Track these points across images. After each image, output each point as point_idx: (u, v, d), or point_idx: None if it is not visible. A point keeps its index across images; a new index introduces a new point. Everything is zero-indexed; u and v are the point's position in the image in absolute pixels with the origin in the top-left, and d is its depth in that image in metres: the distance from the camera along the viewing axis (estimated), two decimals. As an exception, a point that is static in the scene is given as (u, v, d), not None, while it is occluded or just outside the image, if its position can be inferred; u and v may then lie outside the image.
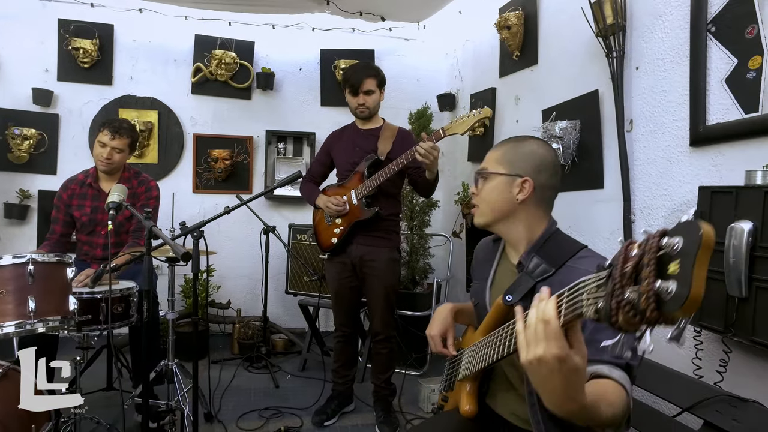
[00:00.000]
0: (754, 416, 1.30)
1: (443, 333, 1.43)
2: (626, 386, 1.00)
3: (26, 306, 1.66)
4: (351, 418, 2.65)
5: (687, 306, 0.58)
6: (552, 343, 0.79)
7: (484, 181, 1.30)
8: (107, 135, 2.48)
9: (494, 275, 1.38)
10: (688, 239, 0.60)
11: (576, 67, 2.41)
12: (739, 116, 1.58)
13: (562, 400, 0.84)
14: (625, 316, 0.65)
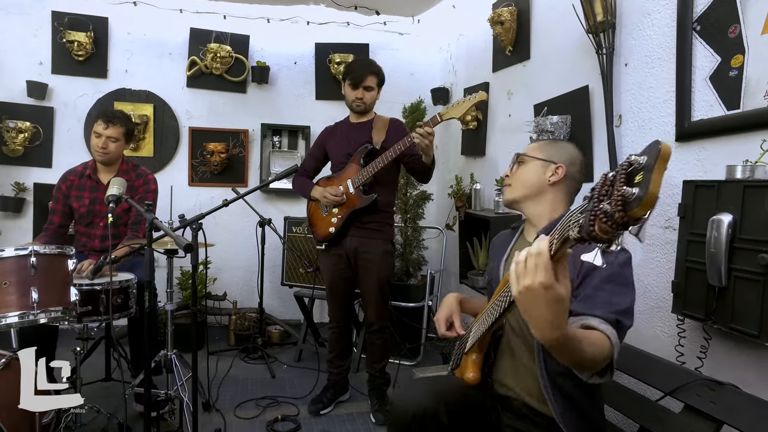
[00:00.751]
0: (730, 398, 1.37)
1: (449, 317, 1.54)
2: (612, 339, 1.11)
3: (29, 297, 1.70)
4: (346, 406, 2.71)
5: (645, 203, 0.68)
6: (540, 272, 0.88)
7: (519, 165, 1.49)
8: (101, 125, 2.52)
9: (509, 253, 1.52)
10: (650, 155, 0.70)
11: (567, 63, 2.46)
12: (722, 113, 1.64)
13: (547, 326, 0.92)
14: (600, 224, 0.74)
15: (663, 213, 1.88)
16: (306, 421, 2.51)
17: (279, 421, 2.47)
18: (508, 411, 1.38)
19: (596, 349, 1.06)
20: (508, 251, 1.52)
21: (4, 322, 1.68)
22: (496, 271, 1.51)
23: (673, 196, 1.82)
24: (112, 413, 2.28)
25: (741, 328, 1.44)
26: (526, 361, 1.36)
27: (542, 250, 0.88)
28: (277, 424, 2.45)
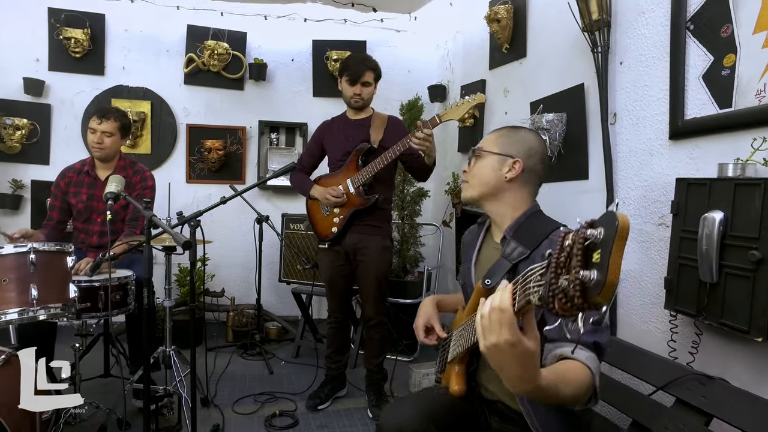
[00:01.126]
0: (720, 392, 1.40)
1: (427, 323, 1.53)
2: (591, 366, 1.05)
3: (29, 294, 1.71)
4: (344, 402, 2.74)
5: (604, 292, 0.65)
6: (505, 330, 0.85)
7: (476, 159, 1.42)
8: (96, 120, 2.54)
9: (478, 255, 1.48)
10: (607, 229, 0.66)
11: (563, 61, 2.48)
12: (714, 111, 1.66)
13: (518, 381, 0.90)
14: (559, 303, 0.70)
15: (657, 210, 1.90)
16: (304, 417, 2.53)
17: (277, 417, 2.49)
18: (495, 415, 1.38)
19: (576, 389, 1.01)
20: (476, 252, 1.48)
21: (3, 318, 1.69)
22: (468, 274, 1.48)
23: (667, 194, 1.84)
24: (111, 409, 2.30)
25: (731, 324, 1.47)
26: None
27: (505, 307, 0.85)
28: (275, 420, 2.47)
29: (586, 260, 0.69)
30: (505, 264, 1.29)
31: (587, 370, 1.05)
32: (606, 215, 0.68)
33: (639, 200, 1.99)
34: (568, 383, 1.00)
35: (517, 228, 1.32)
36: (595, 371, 1.06)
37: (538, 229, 1.30)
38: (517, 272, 1.25)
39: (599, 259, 0.66)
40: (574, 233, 0.72)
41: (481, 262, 1.46)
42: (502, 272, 1.28)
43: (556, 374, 0.98)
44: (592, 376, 1.05)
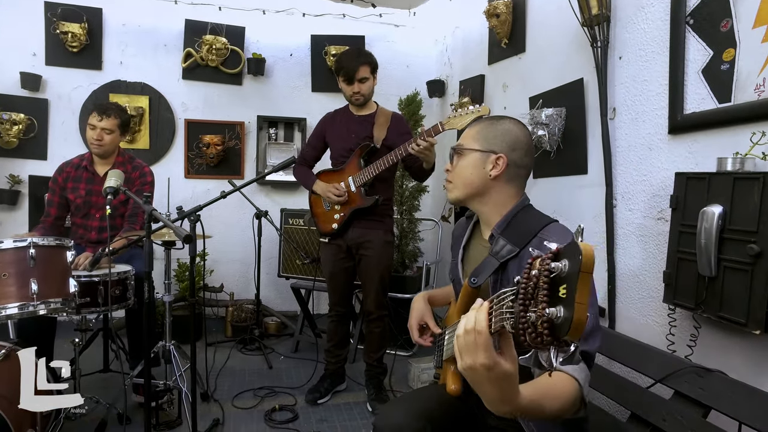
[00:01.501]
0: (718, 384, 1.41)
1: (420, 321, 1.51)
2: (579, 377, 1.02)
3: (29, 288, 1.71)
4: (343, 396, 2.75)
5: (572, 332, 0.62)
6: (480, 353, 0.81)
7: (458, 158, 1.34)
8: (96, 117, 2.53)
9: (465, 250, 1.45)
10: (571, 262, 0.63)
11: (562, 56, 2.48)
12: (714, 106, 1.66)
13: (497, 403, 0.88)
14: (530, 336, 0.68)
15: (656, 205, 1.91)
16: (303, 411, 2.54)
17: (277, 411, 2.50)
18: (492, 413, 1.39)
19: (563, 403, 0.98)
20: (462, 248, 1.45)
21: (3, 313, 1.69)
22: (455, 270, 1.46)
23: (666, 189, 1.85)
24: (111, 404, 2.30)
25: (729, 317, 1.48)
26: None
27: (481, 329, 0.81)
28: (274, 414, 2.48)
29: (552, 294, 0.65)
30: (492, 263, 1.25)
31: (574, 382, 1.02)
32: (569, 246, 0.65)
33: (638, 195, 2.00)
34: (554, 398, 0.98)
35: (506, 225, 1.28)
36: (583, 382, 1.03)
37: (528, 225, 1.26)
38: (506, 270, 1.25)
39: (565, 294, 0.63)
40: (541, 261, 0.69)
41: (469, 259, 1.44)
42: (489, 271, 1.25)
43: (538, 391, 0.95)
44: (580, 388, 1.02)
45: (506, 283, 1.24)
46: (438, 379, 1.55)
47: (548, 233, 1.22)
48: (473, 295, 1.32)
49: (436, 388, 1.40)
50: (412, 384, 2.85)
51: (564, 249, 0.65)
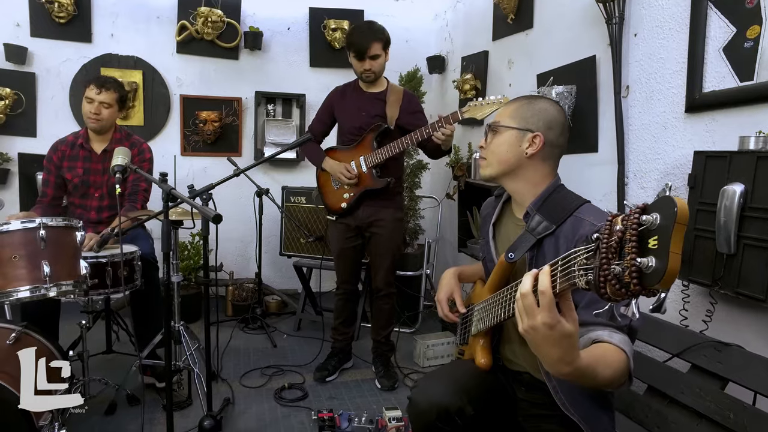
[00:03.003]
0: (737, 358, 1.45)
1: (449, 295, 1.52)
2: (626, 349, 1.05)
3: (41, 270, 1.66)
4: (351, 373, 2.77)
5: (665, 280, 0.64)
6: (544, 313, 0.86)
7: (494, 135, 1.35)
8: (93, 89, 2.43)
9: (496, 229, 1.46)
10: (664, 215, 0.65)
11: (572, 33, 2.45)
12: (734, 84, 1.66)
13: (557, 363, 0.91)
14: (611, 288, 0.70)
15: (669, 182, 1.92)
16: (312, 389, 2.55)
17: (286, 389, 2.51)
18: (521, 385, 1.39)
19: (614, 371, 1.01)
20: (492, 227, 1.46)
21: (15, 296, 1.64)
22: (487, 248, 1.46)
23: (681, 167, 1.87)
24: (120, 385, 2.29)
25: (748, 293, 1.51)
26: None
27: (545, 289, 0.86)
28: (284, 392, 2.49)
29: (641, 246, 0.67)
30: (529, 239, 1.28)
31: (623, 353, 1.05)
32: (662, 200, 0.67)
33: (651, 173, 2.01)
34: (606, 366, 1.00)
35: (542, 203, 1.29)
36: (630, 354, 1.06)
37: (563, 204, 1.27)
38: (542, 247, 1.26)
39: (656, 245, 0.65)
40: (625, 217, 0.71)
41: (501, 237, 1.45)
42: (525, 247, 1.27)
43: (593, 357, 0.98)
44: (628, 359, 1.05)
45: (542, 259, 1.25)
46: (462, 356, 1.57)
47: (584, 212, 1.24)
48: (508, 270, 1.33)
49: (467, 363, 1.41)
50: (417, 360, 2.88)
51: (653, 203, 0.67)
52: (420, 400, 1.27)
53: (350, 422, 2.18)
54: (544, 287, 0.86)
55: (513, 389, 1.42)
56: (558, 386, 1.22)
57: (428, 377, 1.41)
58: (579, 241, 1.19)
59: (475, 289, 1.60)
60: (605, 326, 1.09)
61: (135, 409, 2.29)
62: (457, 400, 1.23)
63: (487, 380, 1.38)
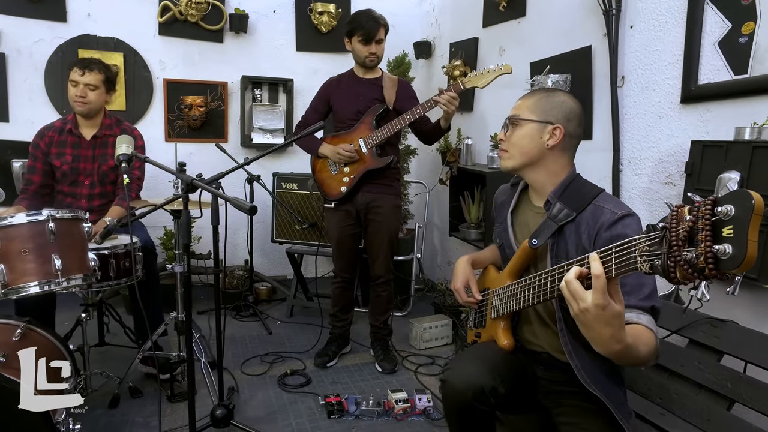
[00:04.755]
0: (732, 333, 1.57)
1: (465, 284, 1.58)
2: (653, 329, 1.15)
3: (51, 264, 1.61)
4: (350, 358, 2.81)
5: (744, 265, 0.70)
6: (597, 295, 0.94)
7: (514, 128, 1.40)
8: (77, 72, 2.34)
9: (514, 217, 1.52)
10: (740, 207, 0.71)
11: (567, 22, 2.51)
12: (729, 77, 1.76)
13: (609, 341, 0.99)
14: (682, 272, 0.77)
15: (663, 170, 2.03)
16: (314, 374, 2.58)
17: (289, 376, 2.54)
18: (540, 364, 1.46)
19: (649, 348, 1.10)
20: (510, 215, 1.51)
21: (26, 292, 1.59)
22: (505, 235, 1.52)
23: (675, 155, 1.97)
24: (122, 378, 2.25)
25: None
26: (549, 322, 1.41)
27: (598, 274, 0.93)
28: (287, 379, 2.51)
29: (714, 235, 0.74)
30: (551, 225, 1.35)
31: (651, 333, 1.14)
32: (737, 192, 0.74)
33: (646, 160, 2.11)
34: (644, 344, 1.09)
35: (562, 192, 1.36)
36: (656, 333, 1.16)
37: (582, 192, 1.35)
38: (563, 233, 1.33)
39: (732, 234, 0.71)
40: (692, 209, 0.77)
41: (519, 224, 1.51)
42: (548, 233, 1.35)
43: (633, 336, 1.06)
44: (656, 338, 1.15)
45: (563, 245, 1.33)
46: (479, 338, 1.63)
47: (602, 200, 1.32)
48: (531, 255, 1.40)
49: (491, 345, 1.47)
50: (413, 343, 2.95)
51: (725, 196, 0.73)
52: (455, 381, 1.32)
53: (358, 406, 2.23)
54: (598, 272, 0.94)
55: (532, 369, 1.50)
56: (580, 365, 1.29)
57: (459, 359, 1.47)
58: (602, 227, 1.27)
59: (487, 274, 1.66)
60: (632, 308, 1.17)
61: (138, 401, 2.27)
62: (490, 380, 1.29)
63: (510, 360, 1.44)
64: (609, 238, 1.21)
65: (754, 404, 1.41)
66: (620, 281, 1.16)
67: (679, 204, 0.81)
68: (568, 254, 1.30)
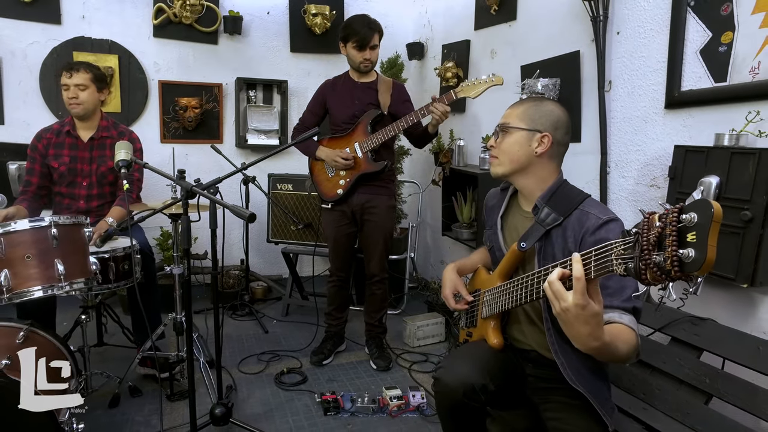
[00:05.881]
0: (711, 330, 1.65)
1: (454, 290, 1.66)
2: (634, 328, 1.22)
3: (54, 269, 1.65)
4: (345, 356, 2.87)
5: (704, 268, 0.78)
6: (577, 296, 1.01)
7: (504, 135, 1.46)
8: (65, 75, 2.40)
9: (504, 221, 1.59)
10: (701, 214, 0.78)
11: (556, 27, 2.57)
12: (710, 84, 1.83)
13: (587, 339, 1.06)
14: (652, 274, 0.84)
15: (648, 173, 2.10)
16: (311, 372, 2.64)
17: (285, 374, 2.59)
18: (528, 361, 1.53)
19: (628, 346, 1.17)
20: (500, 219, 1.58)
21: (29, 296, 1.63)
22: (495, 238, 1.58)
23: (660, 159, 2.04)
24: (122, 378, 2.30)
25: (720, 273, 1.70)
26: (536, 321, 1.48)
27: (579, 276, 1.00)
28: (284, 377, 2.57)
29: (680, 240, 0.81)
30: (539, 229, 1.41)
31: (632, 332, 1.21)
32: (698, 202, 0.81)
33: (632, 163, 2.18)
34: (623, 342, 1.16)
35: (550, 196, 1.42)
36: (637, 332, 1.23)
37: (568, 198, 1.41)
38: (550, 237, 1.40)
39: (695, 239, 0.79)
40: (662, 216, 0.84)
41: (508, 227, 1.58)
42: (536, 237, 1.41)
43: (612, 335, 1.13)
44: (636, 337, 1.21)
45: (550, 248, 1.39)
46: (470, 338, 1.69)
47: (588, 206, 1.38)
48: (520, 258, 1.46)
49: (482, 344, 1.53)
50: (407, 341, 3.02)
51: (691, 204, 0.81)
52: (447, 379, 1.38)
53: (353, 403, 2.29)
54: (579, 273, 1.01)
55: (521, 366, 1.56)
56: (566, 363, 1.36)
57: (452, 358, 1.53)
58: (587, 232, 1.33)
59: (478, 276, 1.72)
60: (615, 309, 1.24)
61: (138, 400, 2.32)
62: (481, 378, 1.35)
63: (501, 359, 1.51)
64: (593, 242, 1.27)
65: (730, 398, 1.49)
66: (604, 284, 1.24)
67: (651, 211, 0.88)
68: (555, 257, 1.36)
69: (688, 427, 1.52)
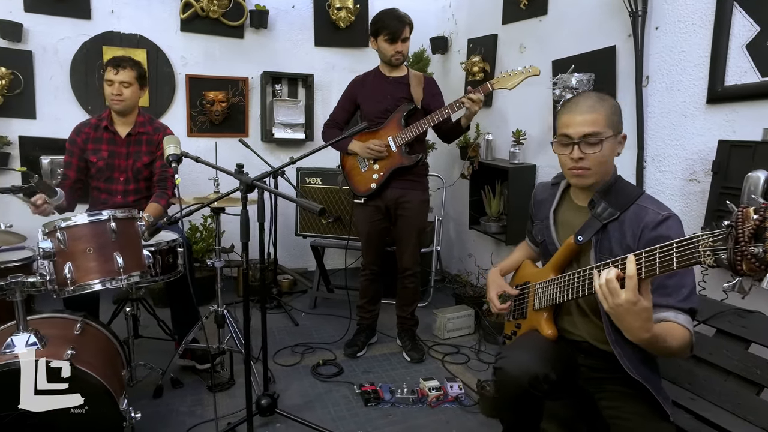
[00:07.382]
0: (759, 323, 1.67)
1: (499, 292, 1.71)
2: (689, 327, 1.27)
3: (113, 262, 1.68)
4: (378, 348, 2.91)
5: None
6: (629, 293, 1.11)
7: (596, 146, 1.37)
8: (112, 71, 2.41)
9: (558, 214, 1.61)
10: None
11: (590, 22, 2.58)
12: (756, 79, 1.84)
13: (638, 331, 1.15)
14: (749, 265, 0.89)
15: (688, 167, 2.12)
16: (346, 364, 2.67)
17: (321, 366, 2.63)
18: (580, 352, 1.55)
19: (680, 342, 1.24)
20: (553, 213, 1.60)
21: (90, 289, 1.66)
22: (547, 232, 1.60)
23: (700, 153, 2.05)
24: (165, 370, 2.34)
25: (766, 266, 1.73)
26: (590, 313, 1.50)
27: (632, 275, 1.11)
28: (320, 368, 2.60)
29: None
30: (595, 223, 1.44)
31: (686, 330, 1.27)
32: None
33: (669, 158, 2.20)
34: (673, 338, 1.23)
35: (606, 191, 1.44)
36: (692, 332, 1.28)
37: (625, 193, 1.43)
38: (607, 231, 1.42)
39: None
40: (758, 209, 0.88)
41: (561, 222, 1.60)
42: (593, 230, 1.44)
43: (663, 330, 1.22)
44: (690, 335, 1.27)
45: (607, 241, 1.41)
46: (519, 329, 1.72)
47: (645, 201, 1.41)
48: (575, 251, 1.49)
49: (537, 335, 1.56)
50: (437, 333, 3.05)
51: None
52: (511, 369, 1.41)
53: (393, 394, 2.33)
54: (632, 273, 1.11)
55: (574, 356, 1.59)
56: (623, 353, 1.39)
57: (512, 349, 1.56)
58: (646, 227, 1.35)
59: (525, 269, 1.76)
60: (671, 308, 1.29)
61: (180, 391, 2.36)
62: (543, 367, 1.39)
63: (556, 350, 1.54)
64: (654, 237, 1.30)
65: (783, 389, 1.52)
66: (663, 282, 1.29)
67: (744, 204, 0.92)
68: (612, 251, 1.39)
69: (740, 417, 1.55)
